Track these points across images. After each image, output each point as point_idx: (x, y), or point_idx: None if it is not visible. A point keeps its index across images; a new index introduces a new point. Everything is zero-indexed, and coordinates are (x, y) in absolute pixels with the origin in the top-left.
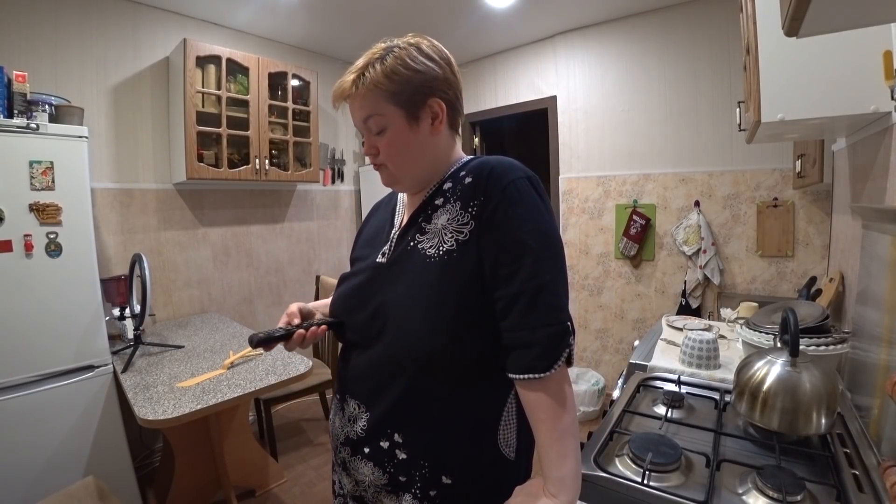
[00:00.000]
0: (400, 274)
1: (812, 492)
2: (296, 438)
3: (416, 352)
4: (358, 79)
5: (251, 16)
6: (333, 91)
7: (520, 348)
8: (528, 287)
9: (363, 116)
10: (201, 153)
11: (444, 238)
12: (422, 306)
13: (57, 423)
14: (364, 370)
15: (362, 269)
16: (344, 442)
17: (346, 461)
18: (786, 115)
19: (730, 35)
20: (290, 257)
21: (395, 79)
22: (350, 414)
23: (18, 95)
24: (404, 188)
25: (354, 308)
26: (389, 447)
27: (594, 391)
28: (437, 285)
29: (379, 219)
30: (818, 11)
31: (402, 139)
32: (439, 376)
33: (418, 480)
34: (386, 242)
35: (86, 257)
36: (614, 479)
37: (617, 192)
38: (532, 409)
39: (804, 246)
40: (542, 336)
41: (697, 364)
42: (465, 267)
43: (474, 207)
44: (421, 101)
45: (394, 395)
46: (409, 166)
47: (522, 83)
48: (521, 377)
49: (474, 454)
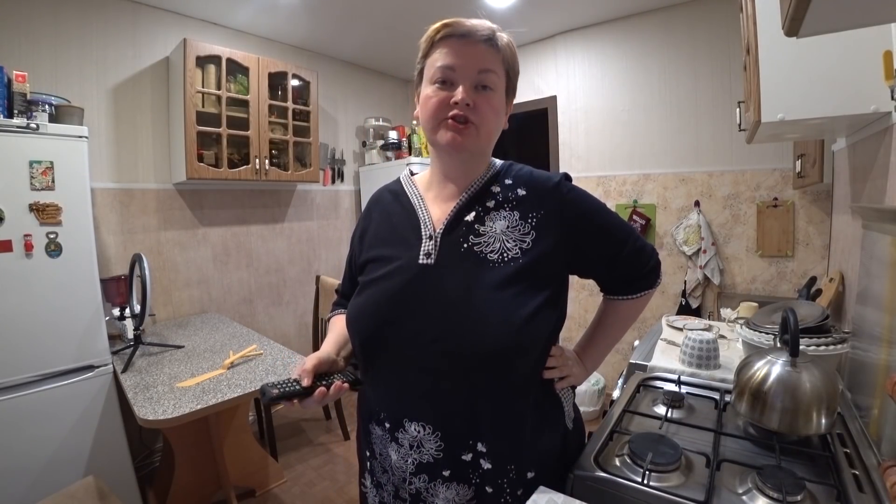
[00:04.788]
0: (455, 275)
1: (812, 492)
2: (296, 438)
3: (493, 353)
4: (495, 33)
5: (251, 16)
6: (465, 24)
7: (640, 277)
8: (628, 245)
9: (484, 67)
10: (201, 153)
11: (506, 245)
12: (495, 308)
13: (57, 423)
14: (422, 386)
15: (397, 271)
16: (415, 471)
17: (422, 490)
18: (786, 115)
19: (730, 35)
20: (290, 257)
21: (517, 64)
22: (412, 440)
23: (18, 95)
24: (466, 159)
25: (397, 318)
26: (473, 458)
27: (594, 391)
28: (508, 288)
29: (389, 215)
30: (818, 11)
31: (499, 105)
32: (516, 372)
33: (507, 486)
34: (418, 240)
35: (86, 257)
36: (614, 479)
37: (617, 192)
38: (618, 316)
39: (804, 246)
40: (654, 264)
41: (697, 364)
42: (540, 270)
43: (534, 219)
44: (512, 89)
45: (467, 404)
46: (491, 134)
47: (522, 83)
48: (639, 294)
49: (550, 439)
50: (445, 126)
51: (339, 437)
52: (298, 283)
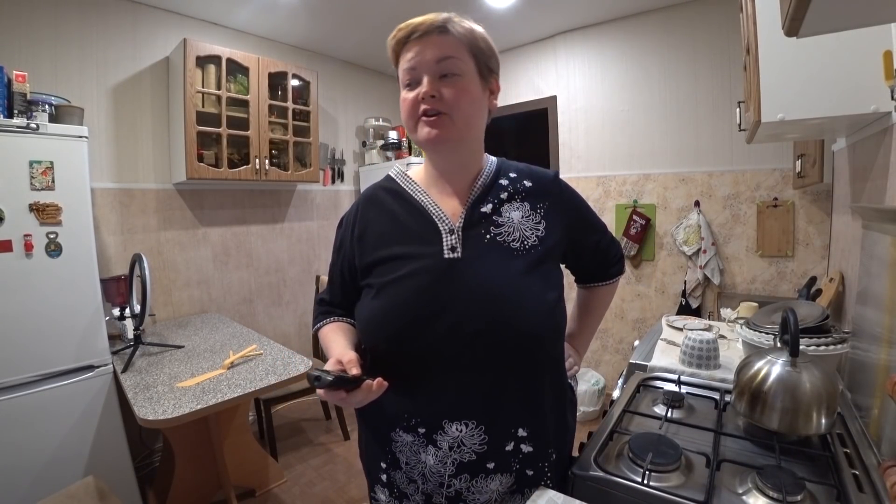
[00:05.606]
0: (485, 266)
1: (812, 492)
2: (296, 438)
3: (532, 337)
4: (446, 22)
5: (251, 16)
6: (412, 23)
7: (613, 264)
8: (606, 235)
9: (442, 55)
10: (201, 153)
11: (525, 234)
12: (530, 294)
13: (57, 423)
14: (464, 382)
15: (423, 269)
16: (456, 472)
17: (462, 490)
18: (786, 115)
19: (730, 35)
20: (290, 257)
21: (483, 42)
22: (452, 441)
23: (18, 95)
24: (450, 149)
25: (431, 315)
26: (514, 446)
27: (594, 391)
28: (534, 273)
29: (391, 214)
30: (818, 11)
31: (474, 90)
32: (549, 354)
33: (547, 468)
34: (436, 235)
35: (86, 257)
36: (614, 479)
37: (617, 192)
38: (600, 300)
39: (804, 246)
40: (622, 252)
41: (697, 364)
42: (553, 257)
43: (542, 209)
44: (491, 70)
45: (509, 392)
46: (471, 122)
47: (522, 83)
48: (613, 280)
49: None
50: (421, 123)
51: (339, 437)
52: (298, 283)
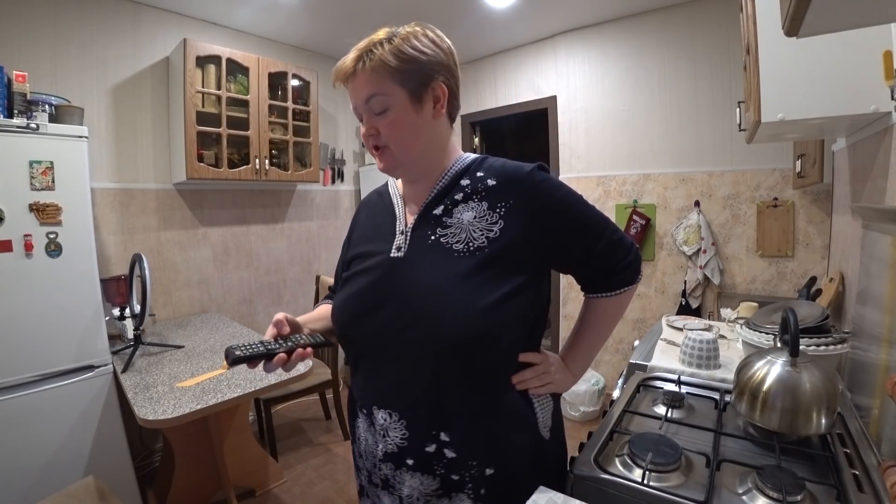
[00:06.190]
0: (423, 267)
1: (812, 492)
2: (296, 438)
3: (457, 341)
4: (362, 57)
5: (251, 16)
6: (335, 70)
7: (618, 272)
8: (606, 237)
9: (366, 95)
10: (201, 153)
11: (472, 235)
12: (459, 296)
13: (57, 423)
14: (392, 374)
15: (372, 267)
16: (384, 458)
17: (389, 477)
18: (786, 115)
19: (730, 35)
20: (290, 257)
21: (402, 58)
22: (381, 426)
23: (18, 95)
24: (403, 173)
25: (372, 308)
26: (437, 449)
27: (594, 391)
28: (474, 277)
29: (373, 215)
30: (818, 11)
31: (405, 119)
32: (481, 363)
33: (469, 480)
34: (392, 236)
35: (86, 257)
36: (614, 479)
37: (617, 192)
38: (600, 314)
39: (804, 246)
40: (632, 258)
41: (697, 364)
42: (509, 259)
43: (503, 208)
44: (425, 83)
45: (433, 393)
46: (411, 148)
47: (522, 83)
48: (618, 291)
49: (518, 440)
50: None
51: (339, 437)
52: (298, 283)
